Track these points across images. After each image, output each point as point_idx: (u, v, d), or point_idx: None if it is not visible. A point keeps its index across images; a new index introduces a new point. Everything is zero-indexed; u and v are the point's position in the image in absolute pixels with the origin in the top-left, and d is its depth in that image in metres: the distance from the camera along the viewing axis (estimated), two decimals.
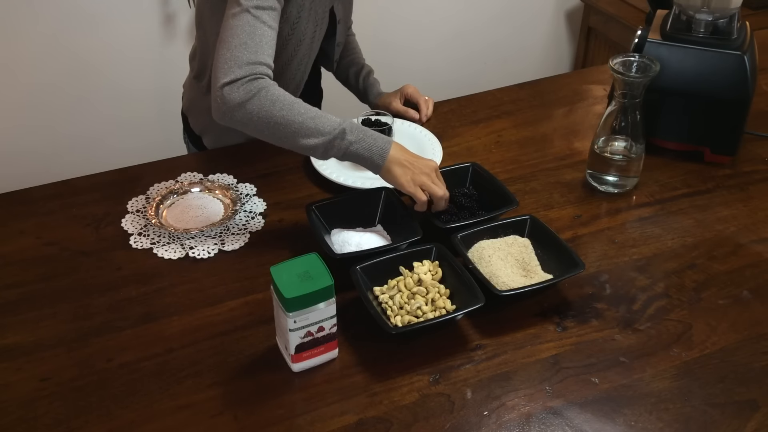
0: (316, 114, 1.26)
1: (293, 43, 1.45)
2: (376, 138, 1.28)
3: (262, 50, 1.28)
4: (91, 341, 1.13)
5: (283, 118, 1.24)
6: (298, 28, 1.43)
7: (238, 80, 1.24)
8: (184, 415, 1.02)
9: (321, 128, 1.25)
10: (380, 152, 1.27)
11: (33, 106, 2.42)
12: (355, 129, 1.27)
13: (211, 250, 1.29)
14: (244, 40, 1.26)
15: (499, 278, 1.19)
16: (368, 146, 1.27)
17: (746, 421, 1.02)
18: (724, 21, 1.48)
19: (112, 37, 2.40)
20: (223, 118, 1.27)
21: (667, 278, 1.26)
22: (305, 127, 1.25)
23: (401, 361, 1.10)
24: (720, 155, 1.52)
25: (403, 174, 1.27)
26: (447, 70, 2.96)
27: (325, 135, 1.25)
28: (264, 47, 1.28)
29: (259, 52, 1.27)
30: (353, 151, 1.26)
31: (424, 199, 1.27)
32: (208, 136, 1.63)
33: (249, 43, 1.26)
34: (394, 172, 1.27)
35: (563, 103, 1.76)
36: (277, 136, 1.27)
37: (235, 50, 1.26)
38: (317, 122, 1.25)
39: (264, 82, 1.26)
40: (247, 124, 1.26)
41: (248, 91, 1.24)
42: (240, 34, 1.27)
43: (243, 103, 1.24)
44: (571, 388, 1.06)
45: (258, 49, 1.27)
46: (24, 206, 1.40)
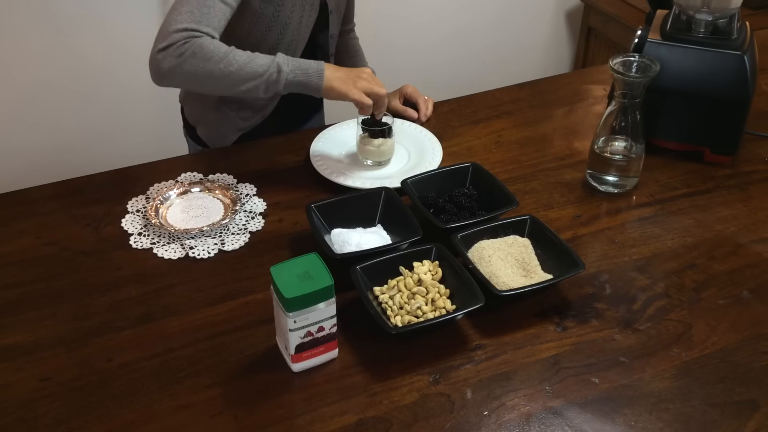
0: (249, 57, 1.34)
1: (278, 26, 1.47)
2: (309, 63, 1.36)
3: (206, 21, 1.33)
4: (91, 341, 1.13)
5: (220, 72, 1.32)
6: (283, 11, 1.45)
7: (172, 45, 1.30)
8: (184, 415, 1.02)
9: (257, 70, 1.33)
10: (317, 73, 1.35)
11: (33, 106, 2.42)
12: (288, 60, 1.35)
13: (211, 250, 1.29)
14: (190, 8, 1.33)
15: (499, 278, 1.19)
16: (304, 71, 1.35)
17: (746, 421, 1.02)
18: (724, 21, 1.48)
19: (113, 37, 2.40)
20: (161, 82, 1.35)
21: (667, 278, 1.26)
22: (243, 73, 1.32)
23: (401, 361, 1.10)
24: (720, 155, 1.52)
25: (344, 85, 1.36)
26: (447, 70, 2.96)
27: (263, 75, 1.33)
28: (210, 18, 1.33)
29: (203, 22, 1.33)
30: (292, 80, 1.35)
31: (369, 102, 1.37)
32: (201, 126, 1.65)
33: (194, 12, 1.32)
34: (336, 87, 1.36)
35: (563, 103, 1.76)
36: (218, 88, 1.36)
37: (178, 15, 1.32)
38: (253, 65, 1.33)
39: (195, 41, 1.31)
40: (186, 83, 1.37)
41: (180, 54, 1.30)
42: (186, 3, 1.33)
43: (178, 66, 1.31)
44: (571, 388, 1.06)
45: (202, 19, 1.33)
46: (24, 206, 1.40)
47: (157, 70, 1.33)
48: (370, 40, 2.01)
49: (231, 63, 1.32)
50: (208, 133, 1.64)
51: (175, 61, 1.31)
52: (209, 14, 1.33)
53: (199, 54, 1.31)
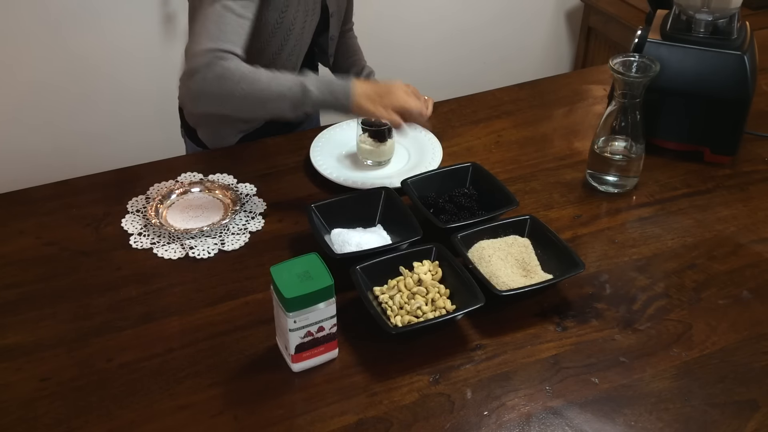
0: (275, 78, 1.31)
1: (282, 32, 1.46)
2: (336, 82, 1.33)
3: (226, 38, 1.31)
4: (91, 341, 1.13)
5: (244, 92, 1.29)
6: (286, 17, 1.44)
7: (197, 68, 1.29)
8: (184, 415, 1.02)
9: (283, 90, 1.30)
10: (344, 93, 1.31)
11: (33, 106, 2.42)
12: (315, 80, 1.32)
13: (211, 250, 1.29)
14: (210, 29, 1.31)
15: (499, 278, 1.19)
16: (332, 92, 1.31)
17: (746, 421, 1.02)
18: (724, 21, 1.48)
19: (112, 37, 2.40)
20: (192, 107, 1.35)
21: (667, 278, 1.26)
22: (269, 93, 1.30)
23: (401, 361, 1.10)
24: (720, 155, 1.52)
25: (372, 105, 1.32)
26: (447, 70, 2.96)
27: (288, 95, 1.30)
28: (229, 35, 1.31)
29: (222, 39, 1.31)
30: (319, 101, 1.32)
31: (399, 121, 1.32)
32: (201, 128, 1.64)
33: (214, 32, 1.30)
34: (365, 107, 1.32)
35: (563, 103, 1.76)
36: (246, 110, 1.35)
37: (200, 37, 1.30)
38: (277, 85, 1.30)
39: (223, 63, 1.29)
40: (215, 106, 1.33)
41: (205, 77, 1.28)
42: (206, 23, 1.31)
43: (205, 89, 1.29)
44: (571, 388, 1.06)
45: (221, 36, 1.31)
46: (24, 206, 1.40)
47: (186, 94, 1.32)
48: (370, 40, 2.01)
49: (255, 83, 1.29)
50: (209, 135, 1.64)
51: (202, 85, 1.29)
52: (228, 30, 1.31)
53: (223, 76, 1.29)
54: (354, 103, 1.31)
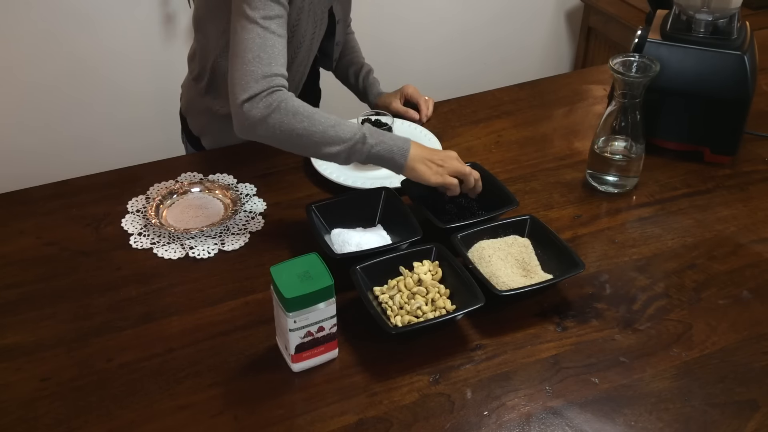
0: (336, 122, 1.28)
1: (293, 46, 1.45)
2: (396, 139, 1.30)
3: (275, 61, 1.29)
4: (91, 341, 1.13)
5: (304, 130, 1.26)
6: (298, 31, 1.43)
7: (256, 95, 1.26)
8: (184, 415, 1.02)
9: (341, 136, 1.27)
10: (401, 152, 1.29)
11: (33, 106, 2.42)
12: (374, 132, 1.30)
13: (211, 250, 1.29)
14: (257, 53, 1.27)
15: (499, 278, 1.19)
16: (389, 148, 1.29)
17: (746, 421, 1.02)
18: (724, 21, 1.48)
19: (112, 37, 2.40)
20: (246, 134, 1.30)
21: (667, 278, 1.26)
22: (327, 136, 1.27)
23: (401, 361, 1.10)
24: (720, 155, 1.52)
25: (427, 169, 1.30)
26: (447, 70, 2.96)
27: (346, 142, 1.27)
28: (277, 57, 1.29)
29: (273, 63, 1.28)
30: (375, 154, 1.29)
31: (455, 183, 1.31)
32: (206, 137, 1.63)
33: (262, 56, 1.27)
34: (418, 169, 1.30)
35: (563, 103, 1.76)
36: (299, 147, 1.30)
37: (250, 65, 1.27)
38: (337, 130, 1.28)
39: (282, 94, 1.27)
40: (269, 138, 1.29)
41: (267, 106, 1.26)
42: (252, 47, 1.28)
43: (264, 119, 1.26)
44: (571, 388, 1.06)
45: (272, 60, 1.28)
46: (24, 206, 1.40)
47: (245, 119, 1.27)
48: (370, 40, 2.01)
49: (315, 123, 1.27)
50: (214, 143, 1.63)
51: (263, 112, 1.26)
52: (275, 54, 1.29)
53: (284, 108, 1.26)
54: (408, 164, 1.30)
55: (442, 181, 1.30)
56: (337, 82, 1.78)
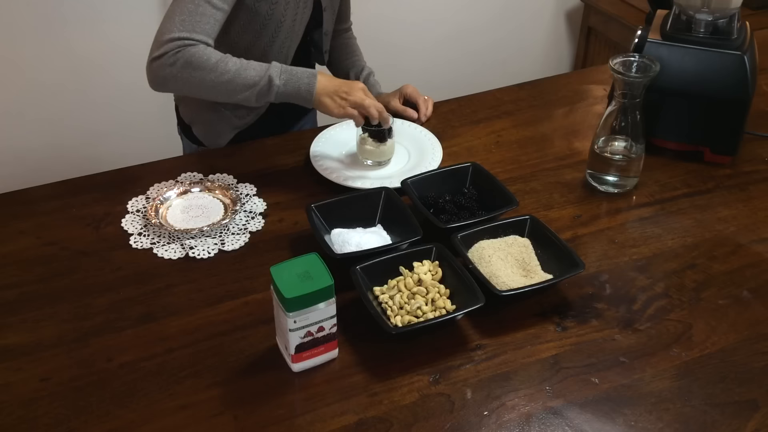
0: (241, 67, 1.35)
1: (273, 25, 1.48)
2: (301, 75, 1.38)
3: (199, 29, 1.35)
4: (91, 341, 1.13)
5: (211, 80, 1.34)
6: (276, 9, 1.46)
7: (165, 54, 1.33)
8: (184, 415, 1.02)
9: (249, 81, 1.35)
10: (307, 87, 1.37)
11: (33, 106, 2.42)
12: (281, 71, 1.36)
13: (211, 250, 1.29)
14: (183, 17, 1.34)
15: (499, 278, 1.19)
16: (295, 85, 1.37)
17: (746, 421, 1.02)
18: (724, 21, 1.48)
19: (113, 37, 2.40)
20: (157, 89, 1.38)
21: (667, 278, 1.26)
22: (235, 83, 1.35)
23: (401, 361, 1.10)
24: (720, 155, 1.52)
25: (331, 102, 1.38)
26: (447, 70, 2.96)
27: (254, 86, 1.35)
28: (202, 25, 1.35)
29: (195, 29, 1.34)
30: (282, 93, 1.37)
31: (354, 113, 1.38)
32: (197, 125, 1.65)
33: (186, 21, 1.34)
34: (324, 103, 1.38)
35: (563, 103, 1.76)
36: (212, 96, 1.39)
37: (170, 26, 1.34)
38: (244, 75, 1.35)
39: (188, 50, 1.33)
40: (181, 91, 1.39)
41: (173, 63, 1.33)
42: (181, 11, 1.35)
43: (171, 75, 1.34)
44: (571, 388, 1.06)
45: (195, 27, 1.34)
46: (24, 206, 1.40)
47: (152, 78, 1.37)
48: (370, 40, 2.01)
49: (223, 72, 1.34)
50: (204, 131, 1.64)
51: (169, 70, 1.34)
52: (201, 21, 1.35)
53: (191, 63, 1.33)
54: (316, 98, 1.38)
55: (343, 113, 1.38)
56: None
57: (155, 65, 1.35)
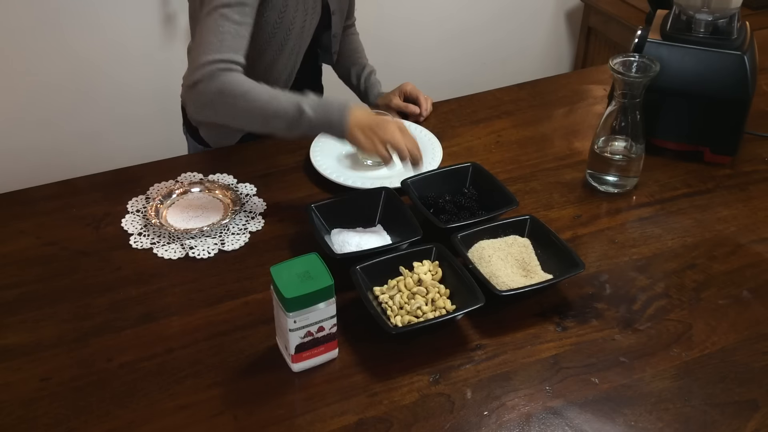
0: (275, 96, 1.32)
1: (282, 32, 1.47)
2: (334, 107, 1.31)
3: (226, 47, 1.33)
4: (91, 341, 1.13)
5: (244, 108, 1.31)
6: (285, 17, 1.45)
7: (200, 81, 1.30)
8: (184, 415, 1.02)
9: (280, 111, 1.30)
10: (339, 120, 1.31)
11: (33, 106, 2.42)
12: (314, 104, 1.31)
13: (211, 250, 1.29)
14: (209, 39, 1.32)
15: (499, 278, 1.19)
16: (327, 118, 1.31)
17: (746, 421, 1.02)
18: (724, 21, 1.48)
19: (112, 37, 2.40)
20: (197, 116, 1.37)
21: (667, 278, 1.26)
22: (266, 112, 1.31)
23: (401, 361, 1.10)
24: (720, 155, 1.52)
25: (364, 138, 1.31)
26: (447, 70, 2.96)
27: (285, 115, 1.30)
28: (229, 44, 1.33)
29: (223, 50, 1.32)
30: (315, 125, 1.32)
31: (386, 155, 1.31)
32: (203, 127, 1.65)
33: (213, 42, 1.32)
34: (357, 137, 1.31)
35: (563, 103, 1.76)
36: (246, 124, 1.36)
37: (200, 51, 1.32)
38: (275, 106, 1.31)
39: (224, 76, 1.31)
40: (216, 119, 1.35)
41: (209, 90, 1.30)
42: (206, 34, 1.33)
43: (208, 102, 1.31)
44: (571, 388, 1.06)
45: (222, 47, 1.32)
46: (24, 206, 1.40)
47: (190, 106, 1.34)
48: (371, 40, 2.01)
49: (255, 99, 1.30)
50: (211, 134, 1.64)
51: (204, 98, 1.31)
52: (227, 39, 1.32)
53: (224, 91, 1.29)
54: (348, 133, 1.31)
55: (374, 150, 1.31)
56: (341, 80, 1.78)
57: (191, 93, 1.31)
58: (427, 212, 1.30)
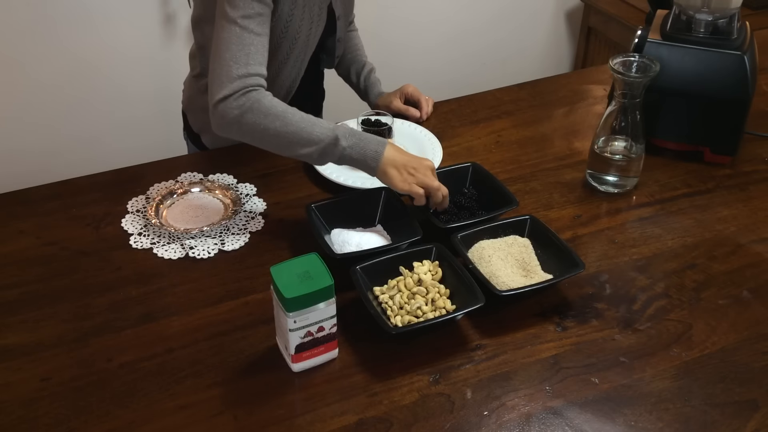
0: (309, 122, 1.29)
1: (287, 42, 1.46)
2: (369, 141, 1.29)
3: (253, 60, 1.31)
4: (91, 341, 1.13)
5: (276, 130, 1.28)
6: (291, 26, 1.44)
7: (230, 96, 1.28)
8: (184, 415, 1.02)
9: (314, 137, 1.27)
10: (374, 155, 1.28)
11: (33, 106, 2.42)
12: (348, 134, 1.28)
13: (211, 250, 1.29)
14: (234, 53, 1.30)
15: (499, 278, 1.19)
16: (362, 150, 1.28)
17: (746, 421, 1.02)
18: (724, 21, 1.48)
19: (113, 37, 2.40)
20: (222, 133, 1.32)
21: (667, 278, 1.26)
22: (299, 137, 1.27)
23: (401, 361, 1.10)
24: (720, 155, 1.52)
25: (397, 175, 1.28)
26: (447, 70, 2.96)
27: (319, 143, 1.27)
28: (254, 56, 1.31)
29: (250, 63, 1.30)
30: (347, 156, 1.29)
31: (420, 192, 1.27)
32: (206, 134, 1.64)
33: (239, 56, 1.29)
34: (389, 174, 1.28)
35: (563, 103, 1.76)
36: (273, 146, 1.31)
37: (226, 65, 1.29)
38: (310, 131, 1.28)
39: (256, 94, 1.28)
40: (243, 137, 1.31)
41: (241, 106, 1.27)
42: (230, 47, 1.30)
43: (237, 119, 1.28)
44: (571, 388, 1.06)
45: (249, 60, 1.30)
46: (24, 206, 1.40)
47: (220, 120, 1.30)
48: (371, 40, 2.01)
49: (289, 124, 1.27)
50: (214, 140, 1.63)
51: (237, 113, 1.28)
52: (252, 52, 1.30)
53: (257, 109, 1.27)
54: (381, 169, 1.28)
55: (408, 190, 1.27)
56: (341, 82, 1.77)
57: (221, 107, 1.28)
58: (427, 212, 1.30)
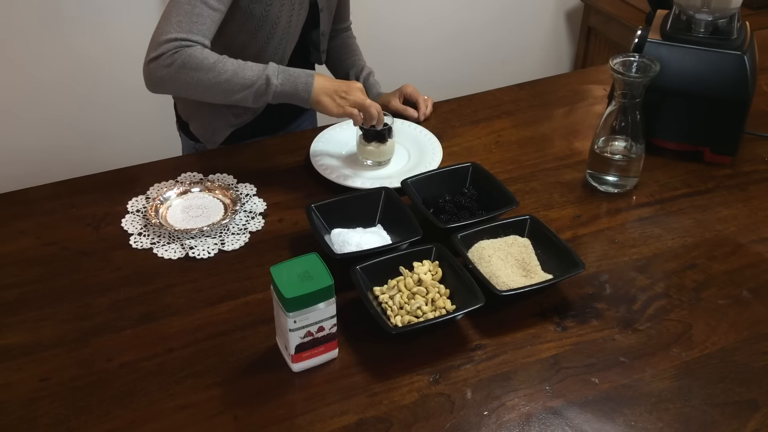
0: (239, 67, 1.36)
1: (268, 26, 1.48)
2: (299, 74, 1.38)
3: (197, 30, 1.35)
4: (91, 341, 1.13)
5: (208, 81, 1.34)
6: (271, 10, 1.47)
7: (162, 55, 1.33)
8: (184, 415, 1.02)
9: (246, 81, 1.35)
10: (305, 87, 1.37)
11: (33, 106, 2.42)
12: (279, 72, 1.37)
13: (211, 250, 1.29)
14: (181, 18, 1.35)
15: (499, 278, 1.19)
16: (293, 84, 1.37)
17: (746, 421, 1.02)
18: (724, 21, 1.48)
19: (113, 36, 2.40)
20: (154, 90, 1.39)
21: (667, 278, 1.26)
22: (232, 83, 1.35)
23: (401, 361, 1.10)
24: (720, 155, 1.52)
25: (330, 101, 1.38)
26: (446, 70, 2.96)
27: (252, 86, 1.36)
28: (199, 27, 1.36)
29: (192, 30, 1.35)
30: (281, 92, 1.37)
31: (355, 113, 1.38)
32: (194, 122, 1.65)
33: (183, 22, 1.35)
34: (323, 102, 1.38)
35: (563, 103, 1.76)
36: (209, 97, 1.38)
37: (167, 27, 1.35)
38: (242, 76, 1.35)
39: (185, 51, 1.33)
40: (178, 92, 1.39)
41: (170, 65, 1.33)
42: (179, 11, 1.35)
43: (168, 76, 1.34)
44: (571, 388, 1.06)
45: (192, 28, 1.35)
46: (24, 206, 1.40)
47: (149, 79, 1.38)
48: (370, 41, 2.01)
49: (220, 73, 1.34)
50: (201, 128, 1.65)
51: (166, 71, 1.34)
52: (198, 22, 1.35)
53: (188, 64, 1.33)
54: (314, 98, 1.37)
55: (343, 113, 1.37)
56: None
57: (152, 66, 1.35)
58: (427, 212, 1.30)
